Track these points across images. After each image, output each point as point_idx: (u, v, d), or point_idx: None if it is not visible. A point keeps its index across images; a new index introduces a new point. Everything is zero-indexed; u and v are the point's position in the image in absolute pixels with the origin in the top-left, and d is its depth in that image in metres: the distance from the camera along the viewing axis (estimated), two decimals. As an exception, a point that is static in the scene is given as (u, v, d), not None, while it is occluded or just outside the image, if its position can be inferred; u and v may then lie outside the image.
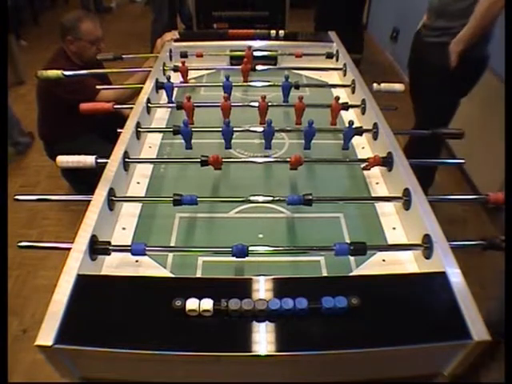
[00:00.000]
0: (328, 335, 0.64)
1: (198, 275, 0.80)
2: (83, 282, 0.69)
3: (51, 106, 1.92)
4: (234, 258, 0.76)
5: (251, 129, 1.11)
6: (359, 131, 1.12)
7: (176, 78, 1.42)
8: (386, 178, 1.04)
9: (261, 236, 0.89)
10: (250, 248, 0.76)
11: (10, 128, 2.61)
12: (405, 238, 0.89)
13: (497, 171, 1.95)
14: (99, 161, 0.99)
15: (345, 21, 2.91)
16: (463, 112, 1.90)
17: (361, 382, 0.73)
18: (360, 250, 0.77)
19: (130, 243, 0.85)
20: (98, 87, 1.53)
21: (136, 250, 0.76)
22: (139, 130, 1.11)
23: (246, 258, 0.76)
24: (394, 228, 0.92)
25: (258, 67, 1.45)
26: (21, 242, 0.80)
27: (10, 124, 2.60)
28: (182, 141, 1.08)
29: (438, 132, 1.14)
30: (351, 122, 1.06)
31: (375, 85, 1.35)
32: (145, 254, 0.77)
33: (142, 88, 1.29)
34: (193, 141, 1.10)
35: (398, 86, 1.40)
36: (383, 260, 0.84)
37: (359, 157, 1.13)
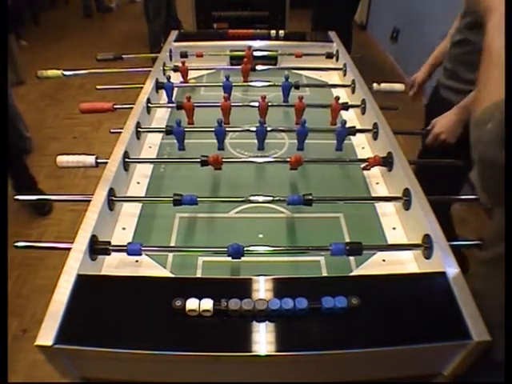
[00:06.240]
0: (328, 335, 0.64)
1: (198, 275, 0.80)
2: (83, 282, 0.69)
3: None
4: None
5: (245, 128, 1.11)
6: (352, 131, 1.11)
7: (176, 77, 1.42)
8: (386, 178, 1.04)
9: (261, 236, 0.89)
10: (250, 248, 0.76)
11: (17, 123, 2.62)
12: (405, 238, 0.89)
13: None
14: (99, 161, 0.99)
15: (342, 21, 2.91)
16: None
17: (361, 381, 0.73)
18: (356, 250, 0.77)
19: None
20: (98, 87, 1.53)
21: (132, 249, 0.76)
22: (139, 130, 1.11)
23: (247, 258, 0.76)
24: (394, 228, 0.92)
25: (258, 67, 1.45)
26: (17, 241, 0.79)
27: (17, 120, 2.62)
28: (175, 141, 1.08)
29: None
30: (344, 122, 1.06)
31: (375, 85, 1.35)
32: (140, 254, 0.77)
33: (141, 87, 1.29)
34: (192, 141, 1.11)
35: (398, 86, 1.40)
36: (383, 260, 0.84)
37: (359, 157, 1.13)
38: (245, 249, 0.76)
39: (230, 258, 0.76)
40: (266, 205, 0.95)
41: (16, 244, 0.79)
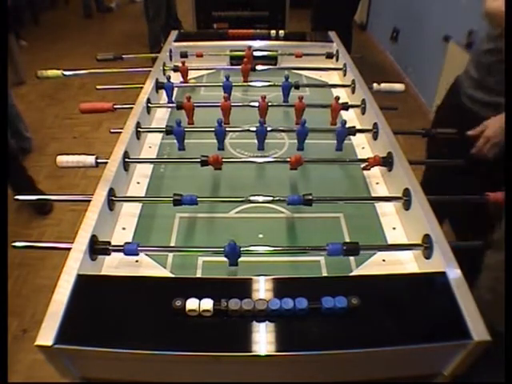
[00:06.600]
0: (328, 335, 0.64)
1: (198, 275, 0.80)
2: (83, 282, 0.69)
3: None
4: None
5: (245, 128, 1.11)
6: (352, 131, 1.11)
7: (176, 77, 1.42)
8: (386, 178, 1.04)
9: (261, 236, 0.89)
10: (250, 248, 0.76)
11: (17, 123, 2.62)
12: (405, 238, 0.89)
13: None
14: (99, 161, 0.99)
15: (341, 21, 2.91)
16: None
17: (361, 381, 0.73)
18: (353, 250, 0.77)
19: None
20: (98, 87, 1.53)
21: (129, 249, 0.76)
22: (139, 130, 1.11)
23: (246, 258, 0.76)
24: (394, 228, 0.92)
25: (258, 67, 1.45)
26: (15, 241, 0.79)
27: (17, 119, 2.62)
28: (175, 141, 1.08)
29: (431, 133, 1.15)
30: (344, 122, 1.06)
31: (375, 85, 1.35)
32: (137, 254, 0.77)
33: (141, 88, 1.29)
34: (192, 141, 1.11)
35: (398, 86, 1.40)
36: (383, 260, 0.84)
37: (359, 157, 1.13)
38: (244, 249, 0.76)
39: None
40: (266, 205, 0.95)
41: (14, 244, 0.79)
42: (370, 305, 0.66)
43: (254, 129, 1.07)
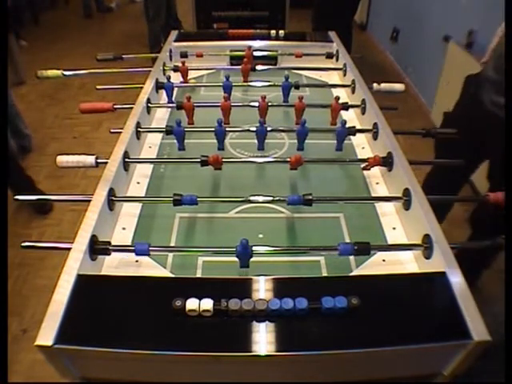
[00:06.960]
0: (328, 335, 0.64)
1: (198, 275, 0.80)
2: (83, 282, 0.69)
3: None
4: (234, 258, 0.76)
5: (245, 128, 1.11)
6: (352, 131, 1.11)
7: (176, 78, 1.42)
8: (386, 178, 1.04)
9: (261, 236, 0.89)
10: (257, 248, 0.76)
11: (17, 122, 2.62)
12: (405, 238, 0.89)
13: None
14: (99, 161, 0.99)
15: (341, 21, 2.91)
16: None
17: (361, 381, 0.73)
18: (364, 250, 0.77)
19: (129, 243, 0.86)
20: (98, 87, 1.53)
21: (140, 250, 0.76)
22: (139, 130, 1.11)
23: (246, 258, 0.76)
24: (394, 228, 0.92)
25: (258, 67, 1.45)
26: (24, 242, 0.80)
27: (17, 119, 2.62)
28: (175, 141, 1.08)
29: (432, 132, 1.15)
30: (344, 122, 1.06)
31: (375, 85, 1.35)
32: (148, 254, 0.77)
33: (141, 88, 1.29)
34: (192, 141, 1.11)
35: (398, 86, 1.40)
36: (383, 260, 0.84)
37: (359, 157, 1.13)
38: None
39: (230, 258, 0.76)
40: (266, 205, 0.95)
41: (22, 244, 0.80)
42: (370, 305, 0.66)
43: (254, 129, 1.07)
